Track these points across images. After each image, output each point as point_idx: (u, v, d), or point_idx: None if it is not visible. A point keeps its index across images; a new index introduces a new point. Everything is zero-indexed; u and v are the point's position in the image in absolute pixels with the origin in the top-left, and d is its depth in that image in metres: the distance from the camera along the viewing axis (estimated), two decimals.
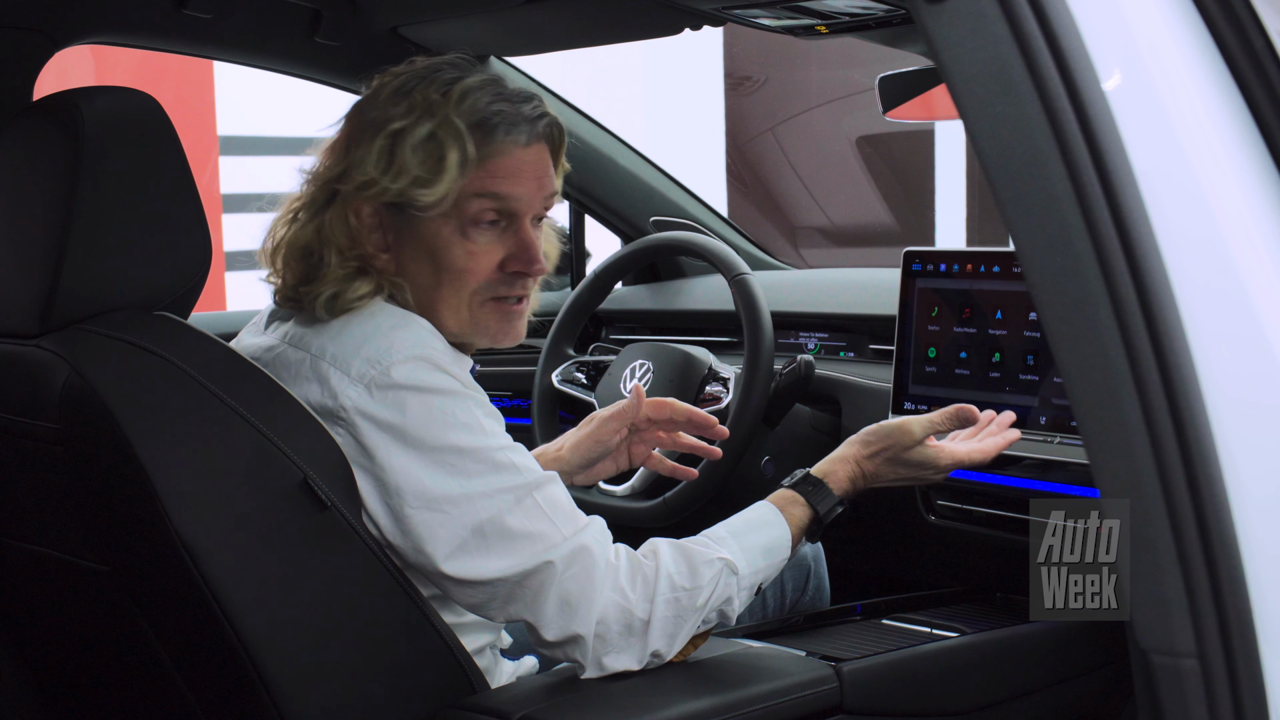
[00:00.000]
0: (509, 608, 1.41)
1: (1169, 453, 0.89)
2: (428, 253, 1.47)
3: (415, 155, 1.43)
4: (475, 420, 1.41)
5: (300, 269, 1.49)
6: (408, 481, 1.38)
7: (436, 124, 1.43)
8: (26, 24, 1.93)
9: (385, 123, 1.45)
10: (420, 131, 1.43)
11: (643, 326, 2.70)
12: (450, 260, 1.47)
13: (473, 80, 1.47)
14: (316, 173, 1.50)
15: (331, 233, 1.47)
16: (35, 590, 1.57)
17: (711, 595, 1.46)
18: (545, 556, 1.39)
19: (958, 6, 0.94)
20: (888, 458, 1.66)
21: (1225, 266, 0.93)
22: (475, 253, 1.48)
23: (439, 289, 1.48)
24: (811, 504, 1.59)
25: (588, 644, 1.41)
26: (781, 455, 2.14)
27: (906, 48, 2.14)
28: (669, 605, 1.43)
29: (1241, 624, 0.90)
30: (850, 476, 1.64)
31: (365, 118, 1.47)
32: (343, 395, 1.39)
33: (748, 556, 1.50)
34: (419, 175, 1.43)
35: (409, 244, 1.48)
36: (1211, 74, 0.95)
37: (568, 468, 1.79)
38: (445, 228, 1.47)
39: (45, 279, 1.35)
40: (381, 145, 1.44)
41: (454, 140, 1.44)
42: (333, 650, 1.39)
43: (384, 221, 1.47)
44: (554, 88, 2.59)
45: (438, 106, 1.44)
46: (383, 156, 1.44)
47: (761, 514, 1.57)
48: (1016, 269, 1.90)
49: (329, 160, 1.50)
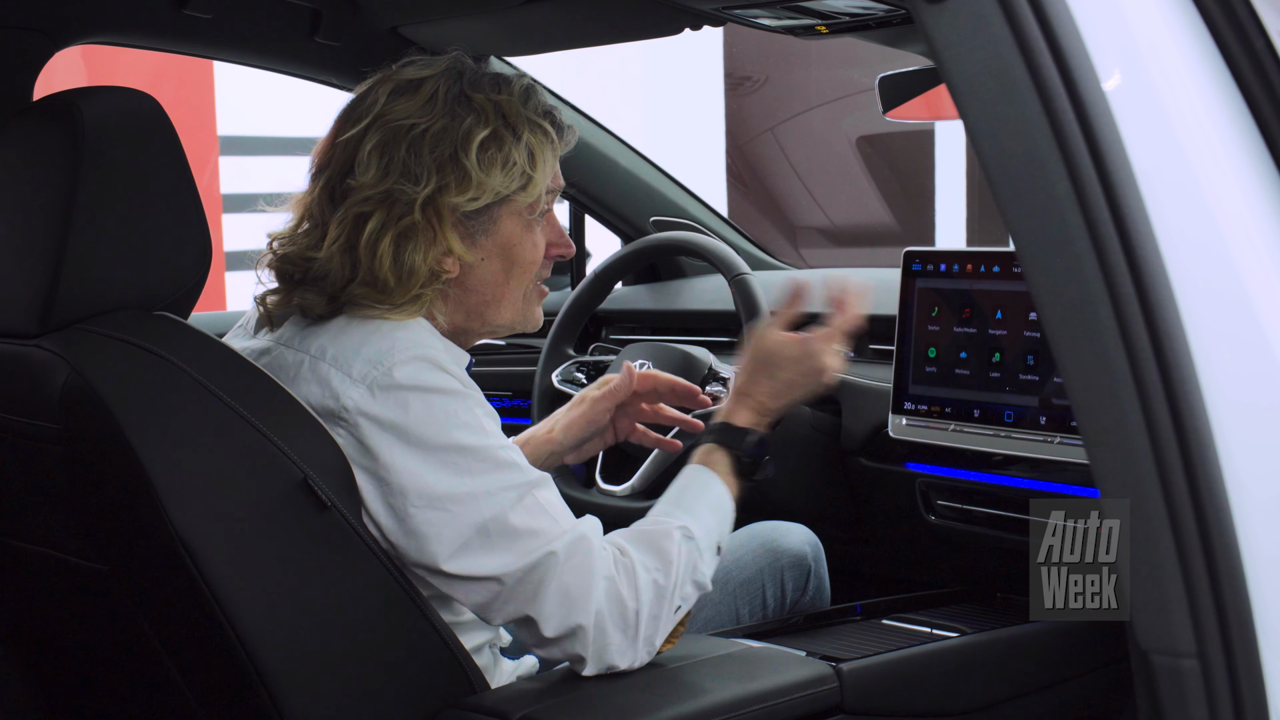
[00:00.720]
0: (509, 606, 1.41)
1: (1169, 453, 0.90)
2: (501, 250, 1.51)
3: (521, 156, 1.48)
4: (476, 419, 1.42)
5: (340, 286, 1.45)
6: (411, 481, 1.38)
7: (525, 126, 1.49)
8: (26, 24, 1.93)
9: (468, 130, 1.45)
10: (516, 134, 1.48)
11: (643, 326, 2.70)
12: (523, 253, 1.53)
13: (522, 82, 1.53)
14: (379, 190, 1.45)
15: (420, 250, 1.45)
16: (35, 590, 1.57)
17: (682, 566, 1.47)
18: (549, 548, 1.40)
19: (958, 6, 0.94)
20: (762, 374, 1.64)
21: (1225, 266, 0.93)
22: (537, 243, 1.55)
23: (507, 283, 1.53)
24: (727, 445, 1.60)
25: (588, 635, 1.41)
26: (781, 455, 2.13)
27: (906, 48, 2.14)
28: (651, 589, 1.45)
29: (1241, 624, 0.90)
30: (750, 407, 1.63)
31: (426, 128, 1.45)
32: (344, 396, 1.40)
33: (697, 519, 1.52)
34: (525, 173, 1.49)
35: (483, 246, 1.50)
36: (1211, 74, 0.95)
37: (559, 448, 1.82)
38: (518, 224, 1.52)
39: (45, 279, 1.35)
40: (481, 152, 1.46)
41: (544, 139, 1.50)
42: (332, 650, 1.39)
43: (462, 230, 1.49)
44: (554, 88, 2.59)
45: (508, 107, 1.48)
46: (490, 162, 1.46)
47: (691, 475, 1.58)
48: (1016, 269, 1.90)
49: (383, 178, 1.44)
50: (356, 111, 1.49)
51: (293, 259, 1.49)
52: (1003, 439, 1.89)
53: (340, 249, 1.45)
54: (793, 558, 1.91)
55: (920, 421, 2.00)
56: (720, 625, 1.85)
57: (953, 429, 1.95)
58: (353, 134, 1.47)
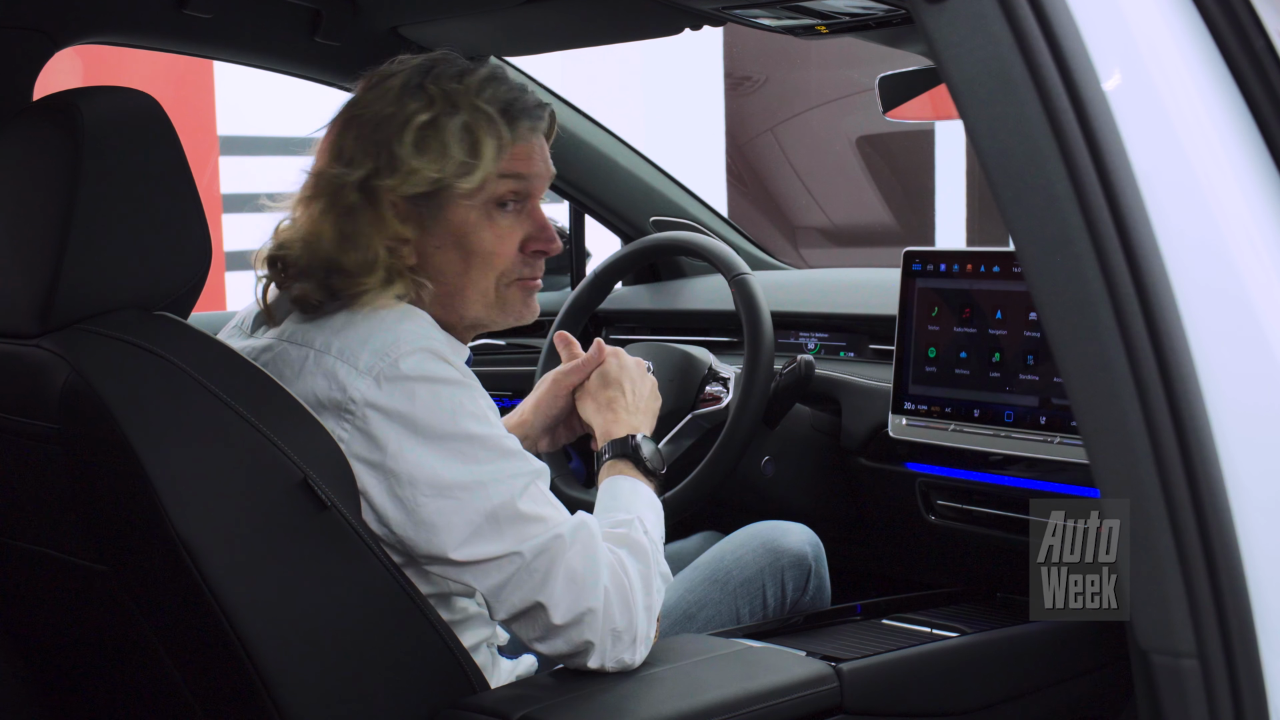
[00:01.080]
0: (518, 594, 1.41)
1: (1169, 453, 0.89)
2: (456, 239, 1.51)
3: (456, 142, 1.48)
4: (480, 409, 1.44)
5: (321, 274, 1.49)
6: (420, 470, 1.39)
7: (468, 112, 1.48)
8: (26, 24, 1.93)
9: (408, 117, 1.48)
10: (455, 121, 1.48)
11: (643, 326, 2.70)
12: (479, 244, 1.52)
13: (484, 71, 1.52)
14: (326, 175, 1.50)
15: (374, 233, 1.48)
16: (35, 590, 1.57)
17: (651, 556, 1.52)
18: (555, 530, 1.42)
19: (958, 6, 0.94)
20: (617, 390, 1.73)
21: (1225, 266, 0.93)
22: (501, 235, 1.53)
23: (468, 274, 1.52)
24: (623, 455, 1.65)
25: (598, 619, 1.43)
26: (781, 455, 2.14)
27: (906, 48, 2.14)
28: (640, 579, 1.48)
29: (1241, 624, 0.90)
30: (608, 422, 1.70)
31: (376, 114, 1.49)
32: (351, 388, 1.40)
33: (643, 516, 1.57)
34: (464, 160, 1.48)
35: (435, 234, 1.51)
36: (1211, 74, 0.95)
37: (532, 431, 1.83)
38: (472, 213, 1.51)
39: (45, 279, 1.35)
40: (415, 138, 1.47)
41: (488, 126, 1.49)
42: (332, 649, 1.39)
43: (409, 216, 1.50)
44: (554, 88, 2.59)
45: (459, 95, 1.48)
46: (423, 147, 1.47)
47: (612, 486, 1.63)
48: (1016, 269, 1.90)
49: (336, 162, 1.50)
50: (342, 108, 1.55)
51: (274, 252, 1.54)
52: (1003, 439, 1.89)
53: (302, 235, 1.50)
54: (793, 557, 1.91)
55: (920, 421, 2.00)
56: (720, 625, 1.85)
57: (953, 429, 1.95)
58: (329, 125, 1.54)
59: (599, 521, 1.53)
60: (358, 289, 1.47)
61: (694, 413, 2.11)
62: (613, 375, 1.75)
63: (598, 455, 1.68)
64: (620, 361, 1.77)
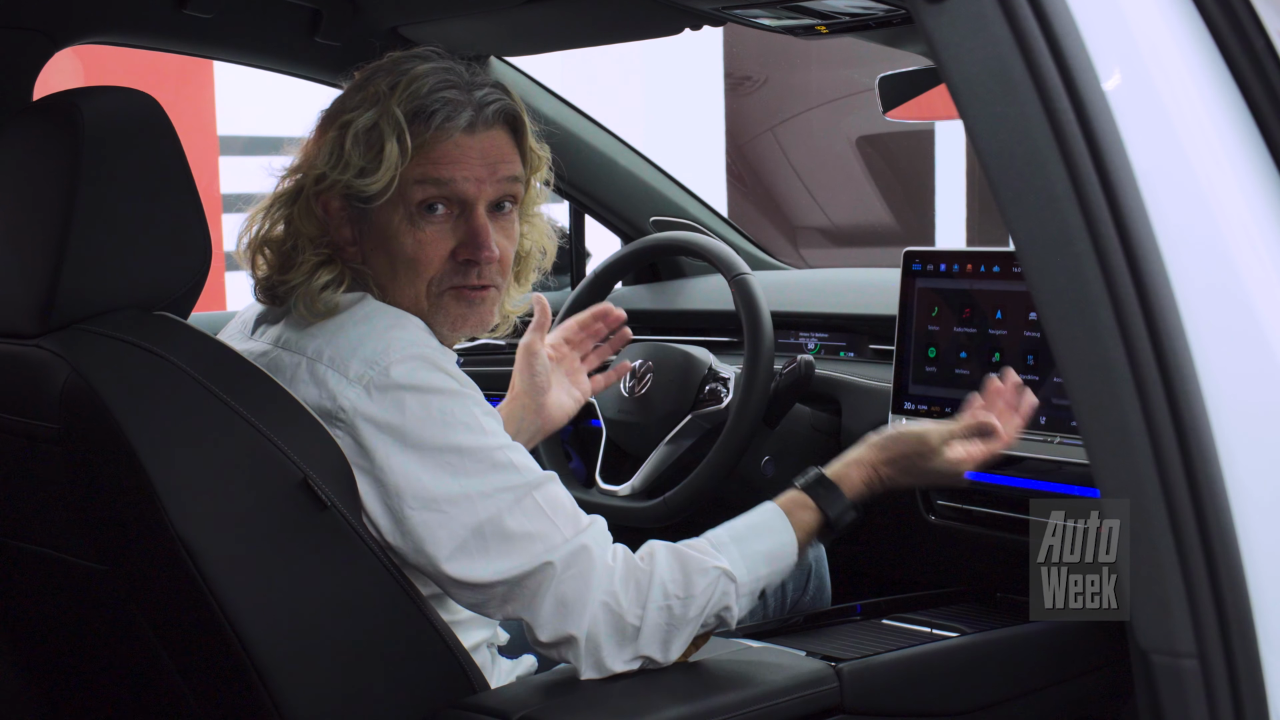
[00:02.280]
0: (506, 606, 1.41)
1: (1169, 453, 0.89)
2: (382, 243, 1.49)
3: (357, 146, 1.46)
4: (474, 419, 1.41)
5: (275, 261, 1.52)
6: (407, 482, 1.38)
7: (378, 114, 1.46)
8: (26, 24, 1.93)
9: (339, 115, 1.49)
10: (363, 122, 1.46)
11: (643, 326, 2.70)
12: (401, 249, 1.49)
13: (422, 69, 1.48)
14: (290, 168, 1.54)
15: (301, 225, 1.50)
16: (35, 590, 1.57)
17: (707, 604, 1.44)
18: (545, 558, 1.39)
19: (958, 6, 0.94)
20: (904, 467, 1.61)
21: (1225, 266, 0.93)
22: (424, 241, 1.48)
23: (395, 279, 1.50)
24: (823, 508, 1.55)
25: (580, 645, 1.41)
26: (781, 455, 2.13)
27: (906, 48, 2.14)
28: (661, 613, 1.42)
29: (1241, 624, 0.90)
30: (865, 480, 1.60)
31: (330, 112, 1.52)
32: (341, 397, 1.40)
33: (749, 563, 1.48)
34: (362, 165, 1.46)
35: (369, 235, 1.50)
36: (1211, 74, 0.95)
37: (531, 401, 1.82)
38: (395, 216, 1.48)
39: (45, 279, 1.35)
40: (333, 137, 1.48)
41: (392, 129, 1.45)
42: (332, 649, 1.39)
43: (350, 214, 1.50)
44: (554, 88, 2.59)
45: (383, 97, 1.47)
46: (334, 149, 1.47)
47: (767, 518, 1.53)
48: (1016, 269, 1.90)
49: (300, 156, 1.53)
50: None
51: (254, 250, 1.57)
52: None
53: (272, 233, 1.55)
54: (800, 562, 1.91)
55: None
56: None
57: None
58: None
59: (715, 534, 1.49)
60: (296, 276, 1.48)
61: (694, 413, 2.11)
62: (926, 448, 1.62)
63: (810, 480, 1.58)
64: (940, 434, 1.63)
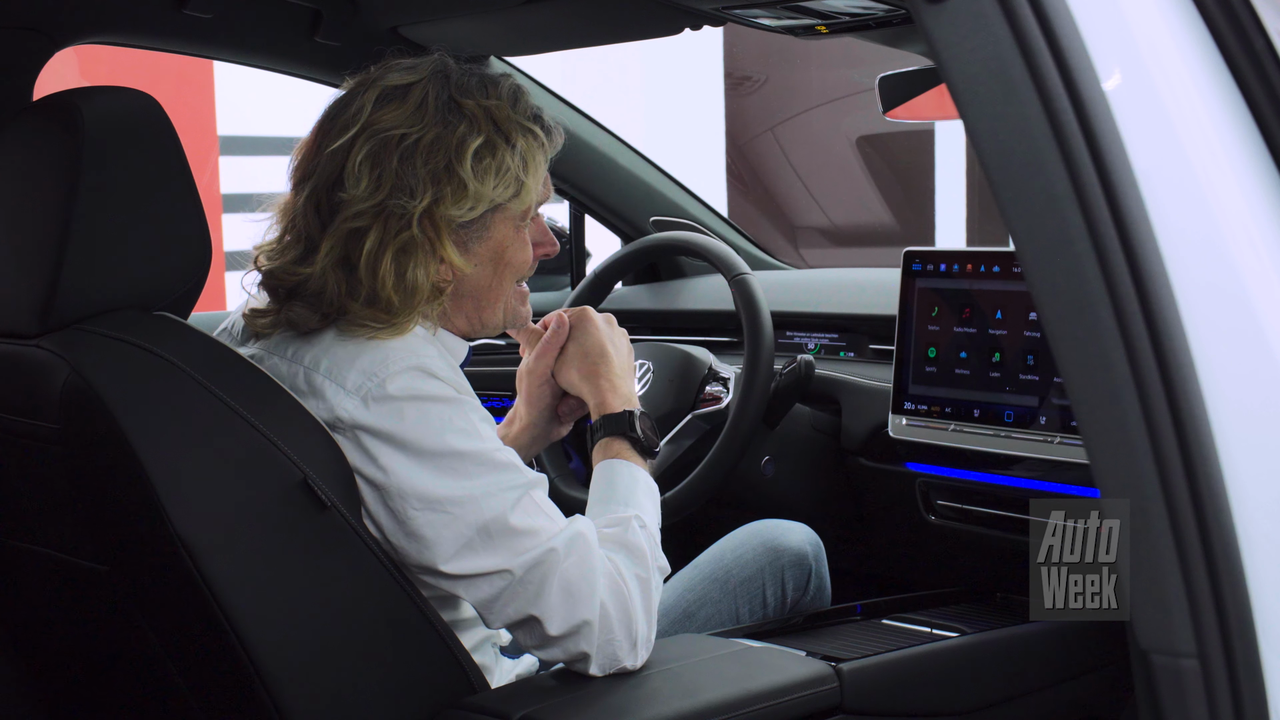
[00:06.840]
0: (512, 606, 1.41)
1: (1169, 453, 0.89)
2: (493, 253, 1.51)
3: (515, 162, 1.47)
4: (472, 425, 1.42)
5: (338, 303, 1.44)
6: (410, 485, 1.39)
7: (515, 131, 1.48)
8: (26, 24, 1.93)
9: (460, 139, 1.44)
10: (508, 140, 1.47)
11: (643, 326, 2.70)
12: (514, 255, 1.53)
13: (505, 83, 1.51)
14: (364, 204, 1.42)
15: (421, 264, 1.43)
16: (35, 590, 1.57)
17: (648, 556, 1.50)
18: (548, 545, 1.41)
19: (958, 6, 0.94)
20: (600, 359, 1.68)
21: (1225, 266, 0.93)
22: (525, 244, 1.55)
23: (498, 285, 1.54)
24: (619, 434, 1.62)
25: (594, 630, 1.42)
26: (781, 455, 2.14)
27: (906, 48, 2.14)
28: (637, 584, 1.47)
29: (1241, 624, 0.90)
30: (602, 392, 1.65)
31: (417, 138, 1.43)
32: (339, 408, 1.40)
33: (641, 508, 1.55)
34: (521, 180, 1.49)
35: (475, 254, 1.50)
36: (1211, 74, 0.95)
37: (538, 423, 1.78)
38: (510, 228, 1.52)
39: (45, 279, 1.35)
40: (474, 162, 1.44)
41: (536, 143, 1.50)
42: (332, 649, 1.39)
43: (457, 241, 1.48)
44: (554, 88, 2.59)
45: (497, 111, 1.47)
46: (483, 171, 1.45)
47: (609, 471, 1.59)
48: (1016, 269, 1.90)
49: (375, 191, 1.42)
50: (341, 119, 1.46)
51: (278, 274, 1.48)
52: (1003, 439, 1.89)
53: (334, 264, 1.44)
54: (794, 556, 1.91)
55: (920, 421, 2.00)
56: (720, 624, 1.85)
57: (953, 429, 1.95)
58: (340, 144, 1.44)
59: (595, 517, 1.52)
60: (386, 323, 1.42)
61: (694, 413, 2.11)
62: (590, 341, 1.69)
63: (591, 431, 1.65)
64: (584, 325, 1.70)
